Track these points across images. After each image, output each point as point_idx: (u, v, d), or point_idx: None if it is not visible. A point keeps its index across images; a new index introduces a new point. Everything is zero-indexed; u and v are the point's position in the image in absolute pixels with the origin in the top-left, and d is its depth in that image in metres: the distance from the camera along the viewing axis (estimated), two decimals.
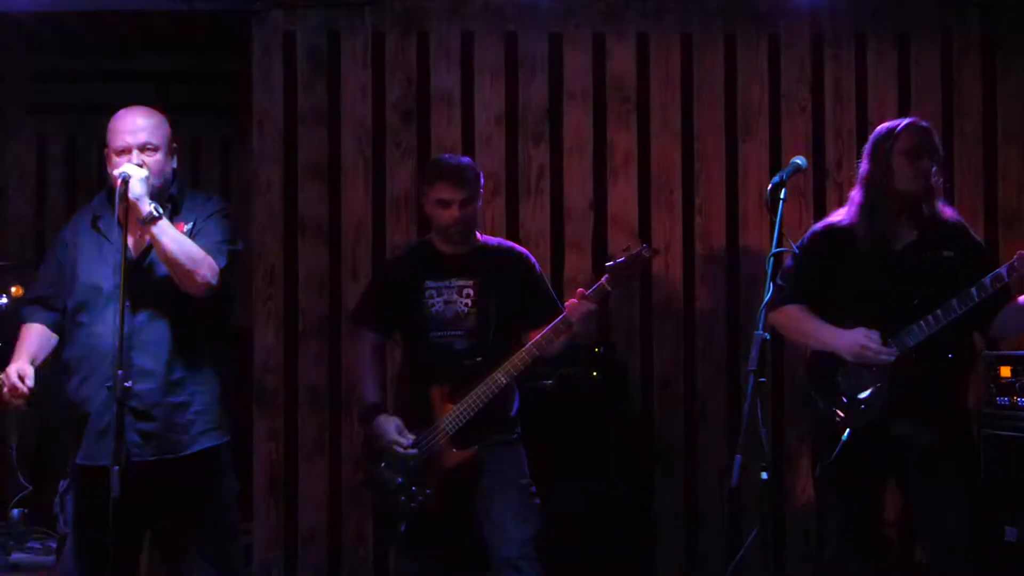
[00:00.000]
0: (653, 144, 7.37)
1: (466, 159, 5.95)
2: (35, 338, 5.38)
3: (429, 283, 5.79)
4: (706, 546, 7.22)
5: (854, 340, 5.33)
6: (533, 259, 5.94)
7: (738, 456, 4.77)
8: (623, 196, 7.35)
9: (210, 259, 5.16)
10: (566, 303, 5.54)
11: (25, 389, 5.12)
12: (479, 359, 5.64)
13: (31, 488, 8.29)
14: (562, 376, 6.70)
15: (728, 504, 7.11)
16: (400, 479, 5.66)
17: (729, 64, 7.40)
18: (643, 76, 7.40)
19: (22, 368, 5.17)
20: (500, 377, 5.57)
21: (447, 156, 6.13)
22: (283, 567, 7.23)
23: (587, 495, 6.66)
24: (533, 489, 5.71)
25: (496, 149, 7.33)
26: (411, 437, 5.65)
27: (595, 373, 6.87)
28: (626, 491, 6.79)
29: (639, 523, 6.95)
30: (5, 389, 5.15)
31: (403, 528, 5.70)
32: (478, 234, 5.89)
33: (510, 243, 6.10)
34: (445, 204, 5.71)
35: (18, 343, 5.35)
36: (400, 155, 7.34)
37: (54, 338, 5.40)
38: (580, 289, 5.51)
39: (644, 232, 7.27)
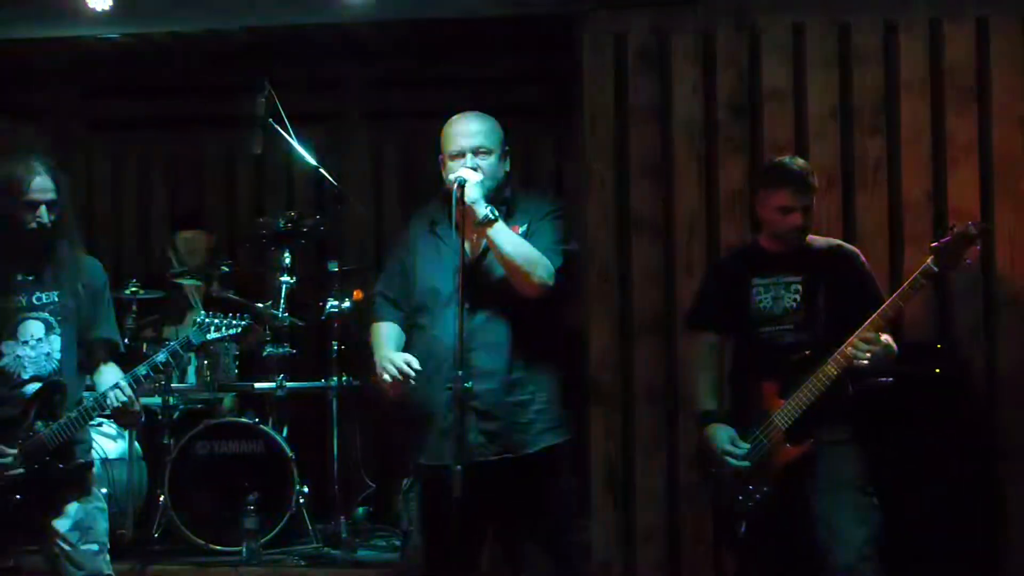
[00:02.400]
0: (994, 132, 7.12)
1: (803, 162, 5.91)
2: (392, 333, 5.52)
3: (756, 280, 5.80)
4: None
5: None
6: (862, 257, 5.88)
7: None
8: (963, 187, 7.11)
9: (545, 260, 5.23)
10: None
11: (411, 371, 5.21)
12: (808, 352, 5.59)
13: (375, 487, 8.52)
14: (902, 373, 6.55)
15: None
16: (735, 478, 5.63)
17: None
18: (982, 62, 7.16)
19: (398, 356, 5.27)
20: (831, 369, 5.49)
21: (788, 160, 5.95)
22: (622, 564, 7.23)
23: (929, 497, 6.51)
24: (871, 489, 5.61)
25: (830, 142, 7.19)
26: (745, 446, 5.65)
27: (937, 370, 6.72)
28: (970, 493, 6.62)
29: (984, 527, 6.75)
30: (387, 377, 5.25)
31: (743, 529, 5.68)
32: None
33: (838, 241, 6.07)
34: (787, 211, 5.69)
35: (376, 339, 5.50)
36: (732, 151, 7.26)
37: (403, 336, 5.54)
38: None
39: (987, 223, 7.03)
